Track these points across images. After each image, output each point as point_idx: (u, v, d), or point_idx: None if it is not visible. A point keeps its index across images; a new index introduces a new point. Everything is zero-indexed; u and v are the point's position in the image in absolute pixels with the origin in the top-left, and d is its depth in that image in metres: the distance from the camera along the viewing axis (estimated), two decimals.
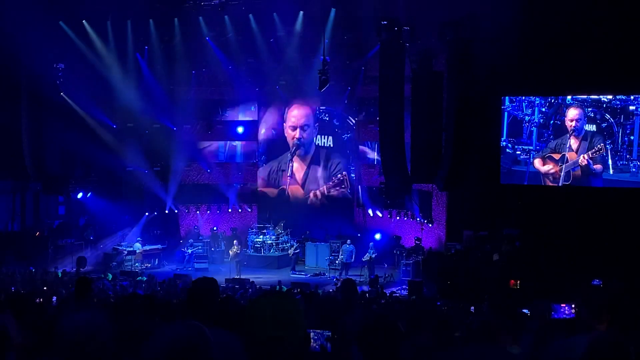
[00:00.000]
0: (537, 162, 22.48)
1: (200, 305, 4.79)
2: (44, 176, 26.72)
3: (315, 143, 30.18)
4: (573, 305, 11.13)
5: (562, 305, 11.14)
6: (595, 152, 21.57)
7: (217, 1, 25.51)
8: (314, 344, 5.36)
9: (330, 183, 29.83)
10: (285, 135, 30.28)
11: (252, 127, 30.69)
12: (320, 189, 30.03)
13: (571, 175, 21.90)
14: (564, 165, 22.03)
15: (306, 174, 30.27)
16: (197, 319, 3.82)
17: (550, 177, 22.30)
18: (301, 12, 25.70)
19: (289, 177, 30.28)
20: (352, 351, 4.10)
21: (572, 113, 21.97)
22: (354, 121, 29.40)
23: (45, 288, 18.26)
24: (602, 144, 21.49)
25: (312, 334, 5.42)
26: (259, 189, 30.88)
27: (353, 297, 7.85)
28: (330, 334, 5.61)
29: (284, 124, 30.28)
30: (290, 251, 27.00)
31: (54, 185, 27.18)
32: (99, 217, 28.70)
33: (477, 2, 21.48)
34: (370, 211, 28.77)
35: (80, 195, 27.70)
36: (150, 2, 25.91)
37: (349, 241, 25.77)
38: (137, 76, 27.36)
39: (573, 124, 21.91)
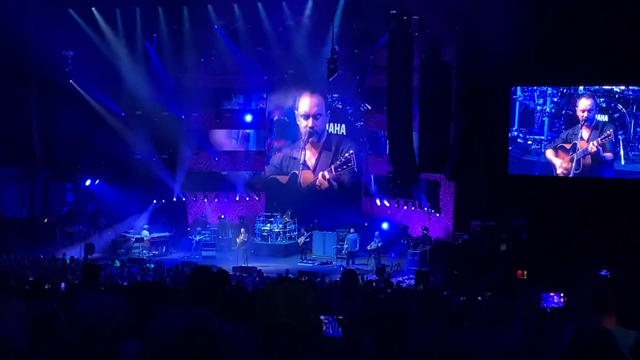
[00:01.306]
0: (549, 153, 22.43)
1: (199, 293, 4.81)
2: (52, 163, 26.84)
3: (327, 131, 30.19)
4: (562, 295, 11.15)
5: (551, 294, 11.17)
6: (604, 137, 21.49)
7: None
8: (326, 329, 5.38)
9: (337, 162, 29.86)
10: (297, 123, 30.28)
11: (260, 115, 30.68)
12: (328, 169, 30.07)
13: (581, 163, 21.83)
14: (575, 154, 21.96)
15: (318, 160, 30.30)
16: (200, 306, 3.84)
17: (562, 168, 22.24)
18: (310, 1, 25.61)
19: (301, 164, 30.30)
20: (362, 338, 4.12)
21: (584, 103, 21.88)
22: (369, 108, 29.34)
23: (53, 274, 18.37)
24: (611, 130, 21.41)
25: (323, 319, 5.44)
26: (269, 177, 30.87)
27: (354, 288, 7.88)
28: (341, 318, 5.64)
29: (295, 111, 30.28)
30: (301, 239, 27.02)
31: (63, 172, 27.31)
32: (107, 205, 28.80)
33: None
34: (377, 200, 28.79)
35: (88, 182, 27.79)
36: None
37: (352, 230, 25.79)
38: (146, 64, 27.34)
39: (585, 114, 21.82)
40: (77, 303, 3.88)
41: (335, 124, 30.20)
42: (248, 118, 30.51)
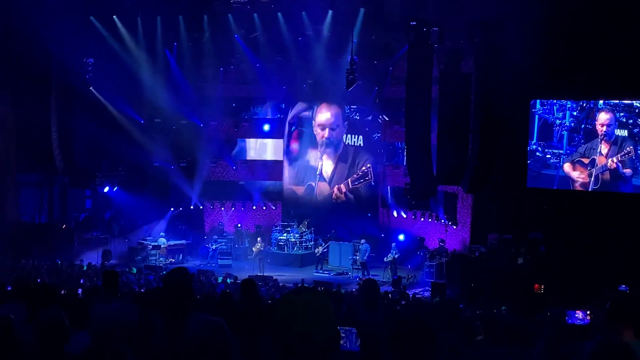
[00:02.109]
0: (567, 167, 22.30)
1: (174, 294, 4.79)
2: (71, 170, 26.97)
3: (344, 142, 30.19)
4: (588, 312, 11.05)
5: (577, 311, 11.08)
6: (624, 154, 21.34)
7: None
8: (344, 342, 5.34)
9: (355, 176, 29.83)
10: (315, 134, 30.30)
11: (278, 124, 30.72)
12: (345, 182, 30.03)
13: (600, 179, 21.67)
14: (593, 169, 21.80)
15: (334, 172, 30.29)
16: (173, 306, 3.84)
17: (580, 182, 22.09)
18: (330, 12, 25.66)
19: (318, 175, 30.29)
20: (382, 352, 4.07)
21: (603, 117, 21.73)
22: (387, 119, 29.32)
23: (70, 280, 18.46)
24: (631, 147, 21.25)
25: (341, 332, 5.37)
26: (285, 187, 30.90)
27: (376, 298, 7.76)
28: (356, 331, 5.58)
29: (313, 121, 30.31)
30: (319, 250, 26.99)
31: (81, 179, 27.44)
32: (125, 211, 28.95)
33: (506, 3, 21.35)
34: (394, 212, 28.71)
35: (106, 189, 27.92)
36: None
37: (362, 240, 25.75)
38: (166, 72, 27.51)
39: (604, 128, 21.67)
40: (94, 310, 3.90)
41: (353, 136, 30.18)
42: (266, 127, 30.56)
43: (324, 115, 30.11)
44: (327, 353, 3.02)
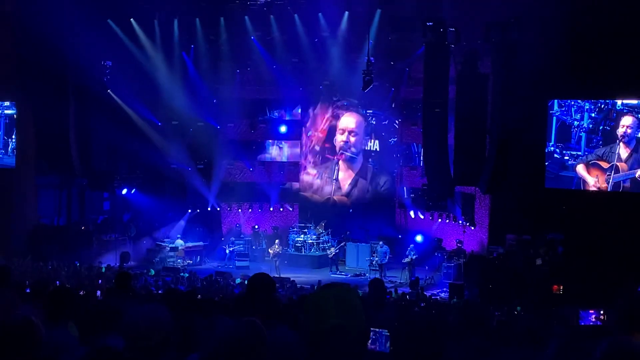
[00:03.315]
0: (581, 168, 22.04)
1: (257, 300, 4.82)
2: (89, 172, 27.13)
3: (364, 149, 30.17)
4: (601, 312, 10.98)
5: (590, 311, 11.00)
6: None
7: (263, 1, 25.70)
8: (374, 344, 5.37)
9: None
10: (334, 141, 30.28)
11: (295, 126, 30.72)
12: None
13: (621, 186, 21.40)
14: (612, 175, 21.54)
15: (352, 186, 30.26)
16: (254, 313, 3.90)
17: (595, 186, 21.84)
18: (346, 13, 25.68)
19: (334, 181, 30.23)
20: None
21: (625, 120, 21.41)
22: (403, 120, 29.27)
23: (89, 282, 18.58)
24: None
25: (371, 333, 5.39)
26: (302, 193, 30.87)
27: (382, 297, 7.80)
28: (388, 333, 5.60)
29: (336, 130, 30.30)
30: (331, 251, 27.00)
31: (100, 181, 27.57)
32: (143, 213, 29.06)
33: (523, 2, 21.26)
34: (411, 213, 28.63)
35: (124, 191, 28.05)
36: (197, 1, 26.13)
37: (381, 243, 25.69)
38: (183, 75, 27.59)
39: (624, 129, 21.38)
40: (127, 312, 3.94)
41: (370, 140, 30.18)
42: (283, 129, 30.58)
43: (346, 120, 30.08)
44: (357, 347, 3.06)
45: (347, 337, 3.03)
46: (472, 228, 25.82)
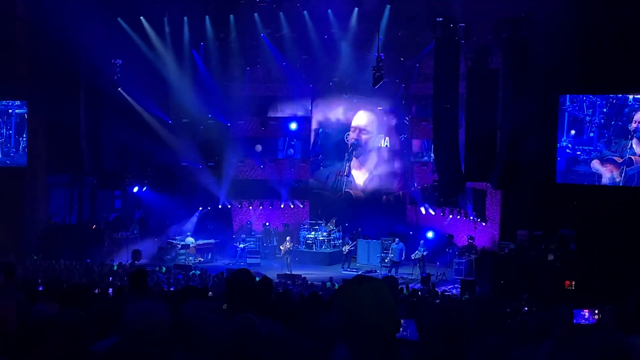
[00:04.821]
0: (596, 163, 21.97)
1: (237, 295, 4.83)
2: (100, 170, 27.22)
3: (375, 146, 30.15)
4: (596, 311, 10.94)
5: (584, 310, 10.97)
6: None
7: None
8: (405, 332, 5.42)
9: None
10: (346, 138, 30.25)
11: (305, 123, 30.68)
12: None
13: (636, 179, 21.31)
14: (626, 168, 21.44)
15: (363, 182, 30.29)
16: (236, 307, 3.89)
17: (609, 180, 21.76)
18: (356, 9, 25.67)
19: (345, 177, 30.21)
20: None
21: (638, 116, 21.30)
22: (414, 117, 29.25)
23: (101, 280, 18.63)
24: None
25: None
26: (313, 190, 30.83)
27: (395, 294, 7.82)
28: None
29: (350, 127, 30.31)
30: (346, 248, 26.99)
31: (111, 180, 27.65)
32: (154, 211, 29.15)
33: None
34: (422, 209, 28.58)
35: (135, 189, 28.14)
36: None
37: (397, 240, 25.66)
38: (193, 72, 27.64)
39: (636, 125, 21.27)
40: (124, 308, 3.92)
41: (380, 136, 30.16)
42: (293, 126, 30.54)
43: (359, 117, 30.06)
44: (392, 341, 3.07)
45: (383, 333, 3.03)
46: (484, 224, 25.75)
